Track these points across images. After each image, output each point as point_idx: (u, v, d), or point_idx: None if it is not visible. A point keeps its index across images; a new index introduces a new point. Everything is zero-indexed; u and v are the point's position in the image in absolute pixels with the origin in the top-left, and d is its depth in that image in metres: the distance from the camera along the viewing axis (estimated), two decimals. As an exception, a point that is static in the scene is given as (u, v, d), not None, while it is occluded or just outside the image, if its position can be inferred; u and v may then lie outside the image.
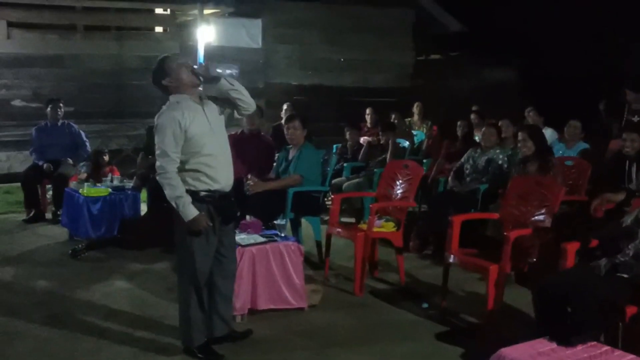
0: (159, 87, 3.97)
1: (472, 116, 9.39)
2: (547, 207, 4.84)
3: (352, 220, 7.44)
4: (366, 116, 10.60)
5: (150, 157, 7.50)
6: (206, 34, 11.39)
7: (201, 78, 3.97)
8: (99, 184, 7.38)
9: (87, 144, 8.54)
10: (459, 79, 13.29)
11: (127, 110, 11.52)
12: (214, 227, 3.99)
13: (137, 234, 6.77)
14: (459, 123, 8.40)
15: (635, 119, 8.95)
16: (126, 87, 11.57)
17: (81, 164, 8.41)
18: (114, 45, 11.63)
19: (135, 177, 7.61)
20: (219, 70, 4.02)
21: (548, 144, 6.59)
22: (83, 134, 8.56)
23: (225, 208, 4.05)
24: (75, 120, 8.90)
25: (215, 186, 3.97)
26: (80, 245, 6.53)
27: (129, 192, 7.29)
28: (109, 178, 7.62)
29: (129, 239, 6.77)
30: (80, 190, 7.14)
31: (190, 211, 3.85)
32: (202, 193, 3.93)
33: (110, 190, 7.20)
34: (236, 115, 4.24)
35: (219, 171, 3.99)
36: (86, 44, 11.46)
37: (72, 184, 7.65)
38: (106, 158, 8.36)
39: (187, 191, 3.88)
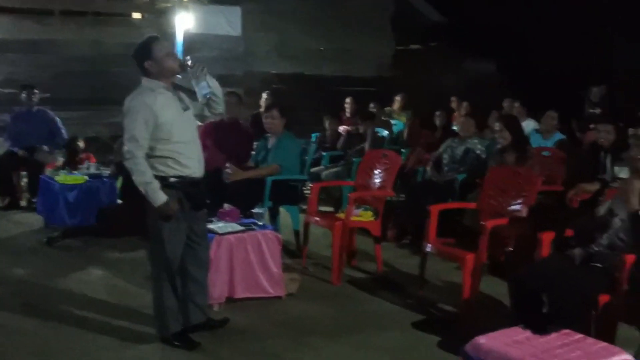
0: (138, 64, 3.92)
1: (463, 104, 9.45)
2: (524, 197, 4.89)
3: (331, 209, 7.43)
4: (345, 105, 10.59)
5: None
6: (185, 21, 11.28)
7: (188, 69, 3.95)
8: (75, 172, 7.30)
9: (63, 131, 8.44)
10: (439, 69, 13.33)
11: (105, 97, 11.34)
12: (184, 213, 3.97)
13: (115, 222, 6.71)
14: (437, 113, 8.43)
15: (597, 111, 9.09)
16: (103, 73, 11.40)
17: (57, 151, 8.31)
18: (91, 31, 11.47)
19: (111, 165, 7.54)
20: (199, 83, 4.01)
21: (525, 134, 6.64)
22: (59, 121, 8.45)
23: (195, 194, 4.04)
24: (52, 107, 8.77)
25: (185, 172, 3.95)
26: (56, 234, 6.46)
27: (106, 179, 7.22)
28: (85, 165, 7.54)
29: (106, 227, 6.71)
30: (56, 178, 7.06)
31: (159, 197, 3.82)
32: (172, 179, 3.91)
33: (86, 177, 7.13)
34: (205, 112, 4.23)
35: (189, 157, 3.97)
36: (62, 30, 11.28)
37: (48, 171, 7.56)
38: (82, 145, 8.28)
39: (157, 177, 3.85)
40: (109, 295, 4.98)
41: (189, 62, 3.98)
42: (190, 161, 3.98)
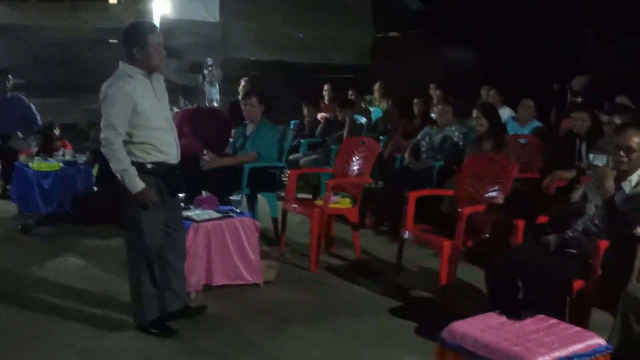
0: (124, 48, 3.87)
1: (437, 92, 9.46)
2: (500, 184, 4.91)
3: (309, 196, 7.43)
4: (324, 93, 10.57)
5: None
6: (162, 7, 11.14)
7: (206, 72, 3.92)
8: (50, 159, 7.22)
9: (38, 117, 8.33)
10: (418, 57, 13.33)
11: (81, 83, 11.20)
12: (163, 200, 3.95)
13: (90, 210, 6.65)
14: (415, 100, 8.44)
15: (578, 99, 9.16)
16: (80, 60, 11.28)
17: (31, 137, 8.19)
18: (66, 17, 11.33)
19: (87, 152, 7.46)
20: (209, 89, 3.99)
21: (502, 122, 6.67)
22: (33, 107, 8.33)
23: (172, 180, 4.02)
24: (27, 93, 8.65)
25: (163, 158, 3.92)
26: (30, 221, 6.39)
27: (82, 166, 7.14)
28: (61, 152, 7.45)
29: (81, 215, 6.65)
30: (31, 165, 6.97)
31: (137, 184, 3.79)
32: (149, 165, 3.88)
33: (62, 164, 7.05)
34: (182, 104, 4.21)
35: (167, 144, 3.95)
36: (38, 15, 11.12)
37: (22, 158, 7.45)
38: (57, 132, 8.17)
39: (134, 163, 3.82)
40: (84, 283, 4.94)
41: (211, 64, 3.94)
42: (168, 147, 3.96)
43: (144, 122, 3.83)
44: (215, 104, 3.63)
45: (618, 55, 11.64)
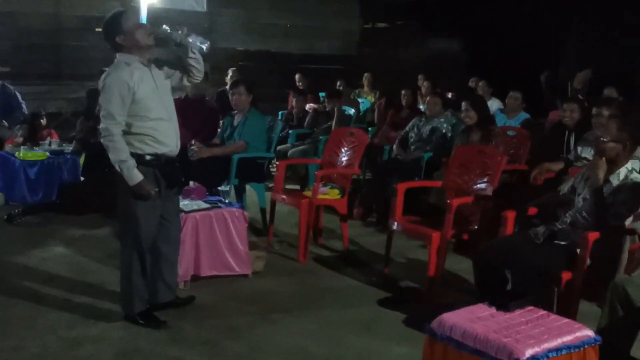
0: (110, 42, 3.81)
1: (425, 84, 9.46)
2: (489, 176, 4.92)
3: (297, 187, 7.42)
4: (297, 83, 10.59)
5: (90, 121, 7.31)
6: (149, -5, 11.05)
7: (170, 36, 3.84)
8: (36, 148, 7.15)
9: (23, 105, 8.25)
10: (406, 48, 13.32)
11: (66, 71, 11.16)
12: (160, 192, 3.91)
13: (77, 199, 6.61)
14: (403, 92, 8.43)
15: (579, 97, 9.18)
16: (65, 47, 11.18)
17: (17, 126, 8.11)
18: (51, 4, 11.19)
19: (74, 141, 7.40)
20: (190, 40, 3.92)
21: (490, 113, 6.68)
22: (19, 96, 8.26)
23: (170, 172, 3.98)
24: (11, 82, 8.57)
25: (162, 150, 3.88)
26: (16, 210, 6.33)
27: (68, 156, 7.09)
28: (47, 142, 7.39)
29: (68, 204, 6.61)
30: (16, 154, 6.91)
31: (135, 175, 3.75)
32: (148, 157, 3.83)
33: (48, 154, 6.99)
34: (185, 81, 4.17)
35: (166, 135, 3.90)
36: (21, 2, 10.98)
37: (8, 147, 7.38)
38: (43, 121, 8.09)
39: (133, 154, 3.78)
40: (70, 272, 4.91)
41: (167, 29, 3.88)
42: (168, 139, 3.91)
43: (142, 111, 3.78)
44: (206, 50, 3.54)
45: (604, 47, 11.70)
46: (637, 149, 4.04)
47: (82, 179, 7.11)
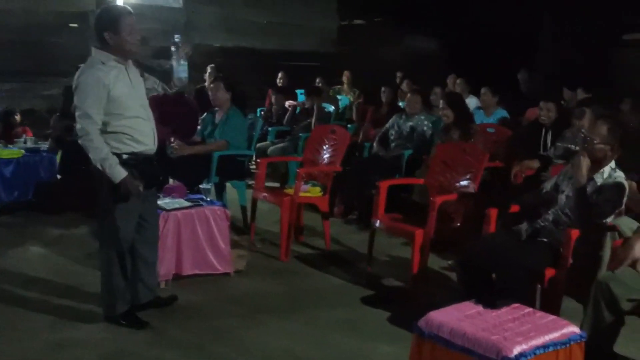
0: (96, 33, 3.76)
1: (405, 82, 9.47)
2: (471, 173, 4.94)
3: (276, 184, 7.40)
4: (278, 80, 10.55)
5: (66, 119, 7.21)
6: (125, -9, 10.93)
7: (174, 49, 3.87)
8: (11, 146, 7.03)
9: (-3, 103, 8.13)
10: (384, 45, 13.34)
11: (41, 68, 10.98)
12: (139, 192, 3.86)
13: (54, 198, 6.52)
14: (383, 89, 8.44)
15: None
16: (39, 44, 11.00)
17: (-9, 124, 7.98)
18: (25, 0, 11.01)
19: (50, 139, 7.30)
20: (178, 64, 3.95)
21: (469, 111, 6.68)
22: (-8, 93, 8.13)
23: (149, 171, 3.92)
24: (-17, 79, 8.45)
25: (139, 148, 3.82)
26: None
27: (45, 154, 6.98)
28: (22, 139, 7.27)
29: (45, 203, 6.52)
30: (-9, 152, 6.79)
31: (119, 172, 3.70)
32: (125, 156, 3.77)
33: (23, 152, 6.88)
34: (159, 88, 4.15)
35: (143, 133, 3.85)
36: (-5, -2, 10.81)
37: (-18, 145, 7.25)
38: (18, 118, 7.97)
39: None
40: (49, 273, 4.84)
41: (178, 41, 3.86)
42: (145, 137, 3.85)
43: (118, 110, 3.72)
44: (184, 82, 3.60)
45: (574, 44, 11.85)
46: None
47: (58, 177, 7.01)
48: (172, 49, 3.93)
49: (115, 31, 3.70)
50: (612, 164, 3.86)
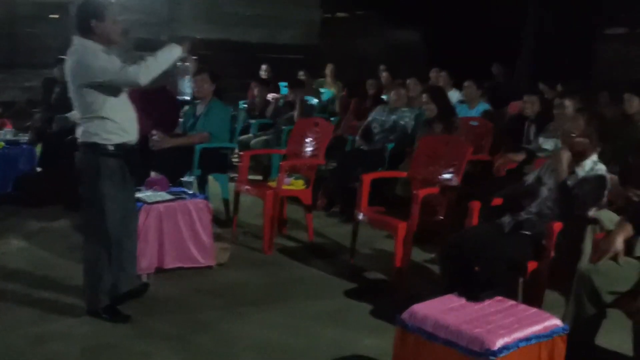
0: (80, 22, 3.75)
1: (384, 74, 9.45)
2: (454, 166, 4.95)
3: (259, 177, 7.38)
4: (261, 72, 10.52)
5: (47, 111, 7.16)
6: (106, -18, 10.82)
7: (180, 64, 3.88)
8: (-10, 138, 6.95)
9: (-24, 95, 8.02)
10: (367, 38, 13.35)
11: (20, 60, 10.85)
12: (125, 182, 3.86)
13: (34, 191, 6.45)
14: (369, 82, 8.44)
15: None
16: (18, 35, 10.87)
17: (-30, 116, 7.88)
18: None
19: (30, 131, 7.21)
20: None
21: (451, 105, 6.69)
22: (-29, 84, 8.02)
23: (132, 162, 3.92)
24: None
25: (125, 138, 3.84)
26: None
27: (24, 146, 6.90)
28: (4, 132, 7.17)
29: (25, 196, 6.45)
30: (-30, 144, 6.71)
31: (174, 50, 3.79)
32: (112, 147, 3.78)
33: (3, 144, 6.79)
34: None
35: (127, 122, 3.86)
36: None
37: (-39, 137, 7.15)
38: (-2, 110, 7.88)
39: (98, 145, 3.75)
40: (29, 266, 4.79)
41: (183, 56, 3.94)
42: (131, 126, 3.88)
43: (105, 92, 3.73)
44: (187, 98, 3.63)
45: (557, 37, 11.92)
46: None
47: (38, 170, 6.94)
48: (178, 64, 3.97)
49: (101, 19, 3.73)
50: (594, 157, 3.89)
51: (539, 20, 12.93)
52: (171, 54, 3.81)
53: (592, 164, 3.86)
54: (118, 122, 3.79)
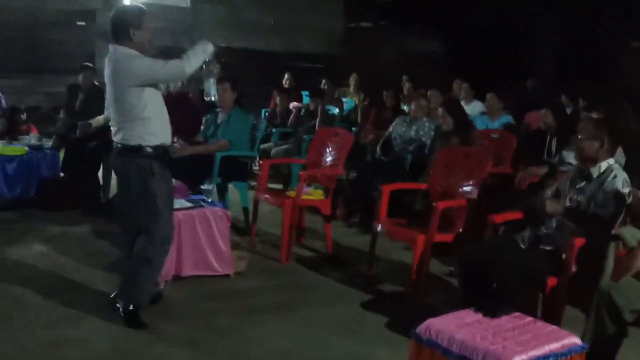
0: (118, 30, 3.82)
1: (407, 85, 9.43)
2: (474, 179, 4.90)
3: (279, 186, 7.38)
4: (284, 81, 10.54)
5: (71, 116, 7.23)
6: (132, -10, 10.94)
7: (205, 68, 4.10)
8: (15, 142, 7.03)
9: (2, 99, 8.12)
10: (390, 48, 13.34)
11: (45, 65, 11.00)
12: (169, 182, 4.03)
13: (56, 195, 6.52)
14: (385, 93, 8.41)
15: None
16: (44, 41, 11.02)
17: (-4, 120, 7.97)
18: (30, -2, 11.06)
19: (54, 137, 7.28)
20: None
21: (468, 117, 6.62)
22: (-3, 89, 8.14)
23: (169, 162, 4.03)
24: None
25: (163, 139, 3.94)
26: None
27: (48, 151, 6.97)
28: (28, 138, 7.25)
29: (47, 200, 6.51)
30: (-6, 149, 6.79)
31: (207, 46, 3.91)
32: (149, 149, 3.86)
33: (27, 149, 6.87)
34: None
35: (165, 124, 3.98)
36: (-1, -5, 10.83)
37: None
38: (23, 116, 7.95)
39: (138, 147, 3.83)
40: (50, 271, 4.82)
41: (209, 60, 4.10)
42: (167, 129, 4.00)
43: (147, 97, 3.83)
44: (213, 99, 3.69)
45: (579, 48, 11.81)
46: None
47: (61, 174, 7.01)
48: (203, 67, 4.05)
49: (139, 28, 3.82)
50: (611, 160, 3.84)
51: (563, 32, 12.85)
52: (205, 49, 3.92)
53: (607, 166, 3.81)
54: (159, 123, 3.90)
